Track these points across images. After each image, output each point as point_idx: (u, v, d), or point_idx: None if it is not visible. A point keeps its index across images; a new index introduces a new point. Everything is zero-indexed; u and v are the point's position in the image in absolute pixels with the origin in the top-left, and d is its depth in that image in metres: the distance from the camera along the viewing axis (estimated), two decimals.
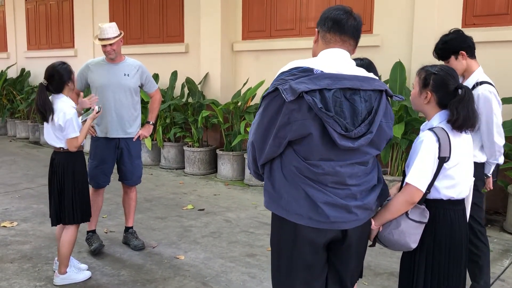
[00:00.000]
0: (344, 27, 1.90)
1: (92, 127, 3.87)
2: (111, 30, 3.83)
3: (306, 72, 1.80)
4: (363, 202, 1.91)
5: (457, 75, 2.20)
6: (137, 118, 4.08)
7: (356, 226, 1.93)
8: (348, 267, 2.02)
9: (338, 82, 1.78)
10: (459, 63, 2.97)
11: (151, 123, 4.26)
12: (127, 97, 3.95)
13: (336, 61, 1.88)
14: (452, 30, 3.04)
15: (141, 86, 4.12)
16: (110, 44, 3.82)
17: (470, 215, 2.91)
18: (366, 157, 1.90)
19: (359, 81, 1.83)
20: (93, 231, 4.09)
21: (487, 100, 2.87)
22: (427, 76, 2.18)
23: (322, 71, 1.80)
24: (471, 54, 2.99)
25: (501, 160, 3.01)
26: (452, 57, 2.97)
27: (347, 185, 1.87)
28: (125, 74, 3.94)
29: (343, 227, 1.89)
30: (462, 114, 2.05)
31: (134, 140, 4.05)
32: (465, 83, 2.97)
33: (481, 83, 2.93)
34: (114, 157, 4.00)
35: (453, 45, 2.96)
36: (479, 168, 2.95)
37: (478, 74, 2.98)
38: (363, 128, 1.82)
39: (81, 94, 3.73)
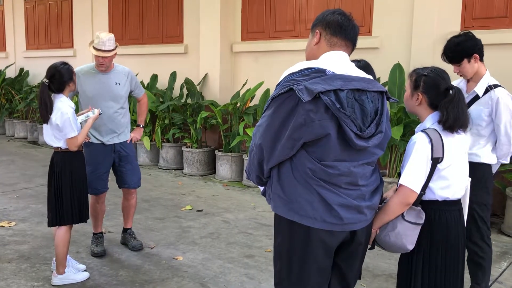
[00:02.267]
0: (350, 33, 1.96)
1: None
2: (110, 42, 3.78)
3: (319, 72, 1.81)
4: (371, 202, 1.94)
5: (448, 76, 2.20)
6: (129, 123, 4.11)
7: (364, 226, 1.96)
8: (353, 267, 2.03)
9: (349, 83, 1.80)
10: (471, 66, 2.89)
11: (141, 126, 4.31)
12: (119, 105, 3.96)
13: (342, 63, 1.91)
14: (462, 32, 2.96)
15: (130, 92, 4.14)
16: (105, 56, 3.80)
17: (479, 216, 2.92)
18: (374, 157, 1.93)
19: (365, 82, 1.86)
20: (101, 233, 4.11)
21: (507, 104, 2.85)
22: (417, 78, 2.19)
23: (333, 72, 1.82)
24: (482, 57, 2.94)
25: (506, 160, 3.02)
26: (465, 60, 2.87)
27: (358, 185, 1.89)
28: (116, 83, 3.93)
29: (354, 228, 1.91)
30: (452, 115, 2.07)
31: (128, 142, 4.06)
32: (476, 87, 2.93)
33: (495, 86, 2.90)
34: (110, 161, 3.99)
35: (467, 47, 2.86)
36: (488, 169, 2.95)
37: (488, 77, 2.94)
38: (373, 128, 1.85)
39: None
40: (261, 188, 2.06)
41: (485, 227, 2.99)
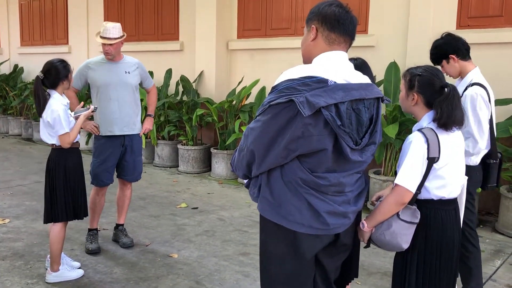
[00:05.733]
0: (349, 27, 1.85)
1: (96, 127, 3.89)
2: (114, 30, 3.85)
3: (321, 83, 1.72)
4: (356, 207, 1.93)
5: (442, 74, 2.21)
6: (139, 114, 4.15)
7: (347, 228, 1.95)
8: (334, 264, 2.03)
9: (349, 94, 1.74)
10: (451, 66, 3.01)
11: (152, 116, 4.37)
12: (129, 94, 4.01)
13: (343, 67, 1.83)
14: (443, 34, 3.06)
15: (140, 83, 4.19)
16: (110, 44, 3.84)
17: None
18: (363, 165, 1.91)
19: (363, 90, 1.80)
20: (96, 230, 4.10)
21: (473, 103, 2.85)
22: (411, 78, 2.19)
23: (335, 82, 1.74)
24: (463, 56, 2.99)
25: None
26: (444, 62, 3.02)
27: (344, 192, 1.87)
28: (126, 72, 3.99)
29: (338, 231, 1.90)
30: (446, 112, 2.06)
31: (140, 135, 4.13)
32: (460, 84, 2.98)
33: (474, 84, 2.92)
34: (118, 155, 4.03)
35: (443, 49, 3.01)
36: (470, 170, 2.95)
37: (473, 75, 2.98)
38: (366, 139, 1.82)
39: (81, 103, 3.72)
40: (245, 181, 2.05)
41: (467, 228, 3.00)
